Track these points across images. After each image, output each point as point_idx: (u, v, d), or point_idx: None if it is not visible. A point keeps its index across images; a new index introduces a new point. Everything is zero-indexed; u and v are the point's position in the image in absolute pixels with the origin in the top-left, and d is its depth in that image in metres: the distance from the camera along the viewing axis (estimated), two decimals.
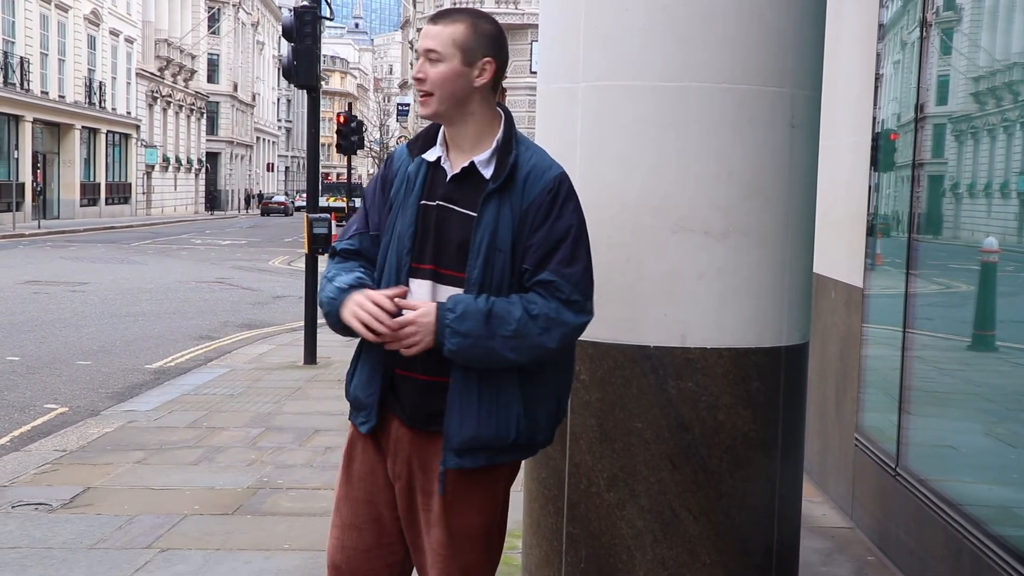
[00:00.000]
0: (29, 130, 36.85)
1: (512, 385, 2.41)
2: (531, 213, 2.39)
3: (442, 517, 2.48)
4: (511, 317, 2.33)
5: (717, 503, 2.92)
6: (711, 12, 2.87)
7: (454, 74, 2.40)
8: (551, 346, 2.37)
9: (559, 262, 2.37)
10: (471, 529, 2.50)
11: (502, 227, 2.38)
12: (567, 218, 2.40)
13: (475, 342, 2.32)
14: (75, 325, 12.04)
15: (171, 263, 22.08)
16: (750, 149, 2.91)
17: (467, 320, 2.32)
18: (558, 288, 2.36)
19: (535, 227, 2.38)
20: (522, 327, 2.33)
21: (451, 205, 2.44)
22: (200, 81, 60.22)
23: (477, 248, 2.38)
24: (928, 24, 4.50)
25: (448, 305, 2.34)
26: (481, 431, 2.40)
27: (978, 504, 3.79)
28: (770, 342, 2.97)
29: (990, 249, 3.94)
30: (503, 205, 2.39)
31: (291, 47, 9.87)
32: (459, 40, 2.41)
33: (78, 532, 4.72)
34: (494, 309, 2.33)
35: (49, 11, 39.03)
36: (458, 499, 2.47)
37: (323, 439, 6.55)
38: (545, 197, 2.39)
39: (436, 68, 2.41)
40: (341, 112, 25.15)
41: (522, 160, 2.43)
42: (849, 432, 5.00)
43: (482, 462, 2.43)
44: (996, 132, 3.96)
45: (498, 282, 2.39)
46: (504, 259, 2.38)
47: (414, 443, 2.50)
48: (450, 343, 2.33)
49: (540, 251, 2.38)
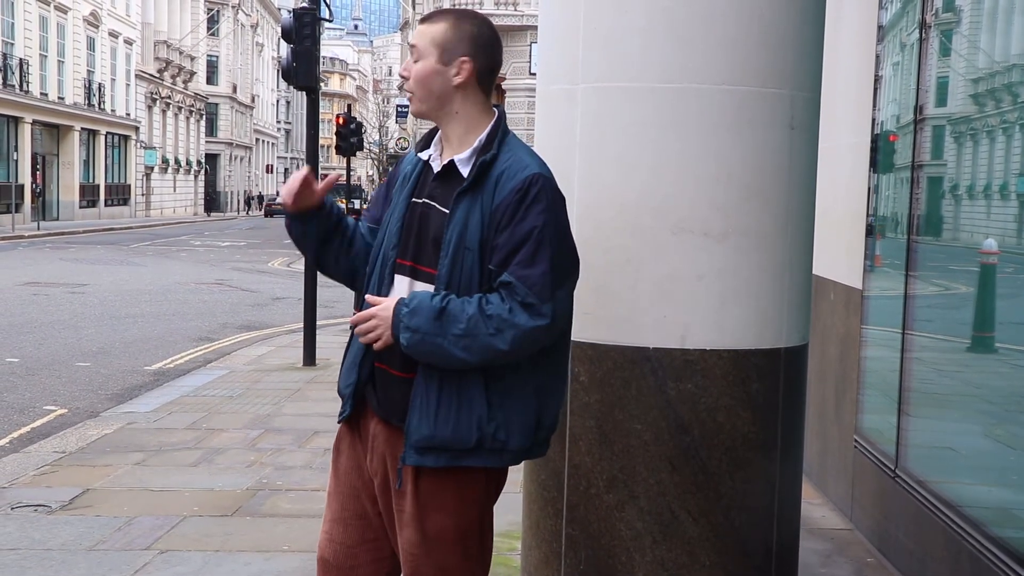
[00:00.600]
0: (28, 131, 36.85)
1: (475, 386, 2.38)
2: (499, 213, 2.37)
3: (414, 517, 2.47)
4: (463, 316, 2.31)
5: (716, 504, 2.92)
6: (711, 13, 2.87)
7: (431, 71, 2.43)
8: (502, 348, 2.32)
9: (518, 263, 2.34)
10: (443, 532, 2.47)
11: (471, 226, 2.38)
12: (532, 219, 2.34)
13: (424, 338, 2.32)
14: (74, 327, 12.04)
15: (170, 265, 22.08)
16: (750, 150, 2.91)
17: (417, 316, 2.32)
18: (515, 290, 2.33)
19: (501, 227, 2.36)
20: (472, 326, 2.31)
21: (432, 202, 2.47)
22: (199, 82, 60.23)
23: (447, 246, 2.39)
24: (927, 26, 4.50)
25: (405, 300, 2.36)
26: (437, 430, 2.37)
27: (977, 506, 3.79)
28: (770, 343, 2.97)
29: (989, 251, 3.94)
30: (474, 204, 2.39)
31: (290, 49, 9.87)
32: (437, 38, 2.43)
33: (77, 533, 4.72)
34: (448, 307, 2.32)
35: (48, 13, 39.04)
36: (430, 500, 2.45)
37: (322, 440, 6.55)
38: (513, 197, 2.36)
39: (416, 66, 2.45)
40: (340, 113, 25.14)
41: (500, 160, 2.42)
42: (848, 434, 5.00)
43: (443, 462, 2.40)
44: (995, 134, 3.96)
45: (467, 281, 2.38)
46: (473, 258, 2.38)
47: (388, 439, 2.50)
48: (402, 337, 2.34)
49: (503, 251, 2.36)
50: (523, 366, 2.41)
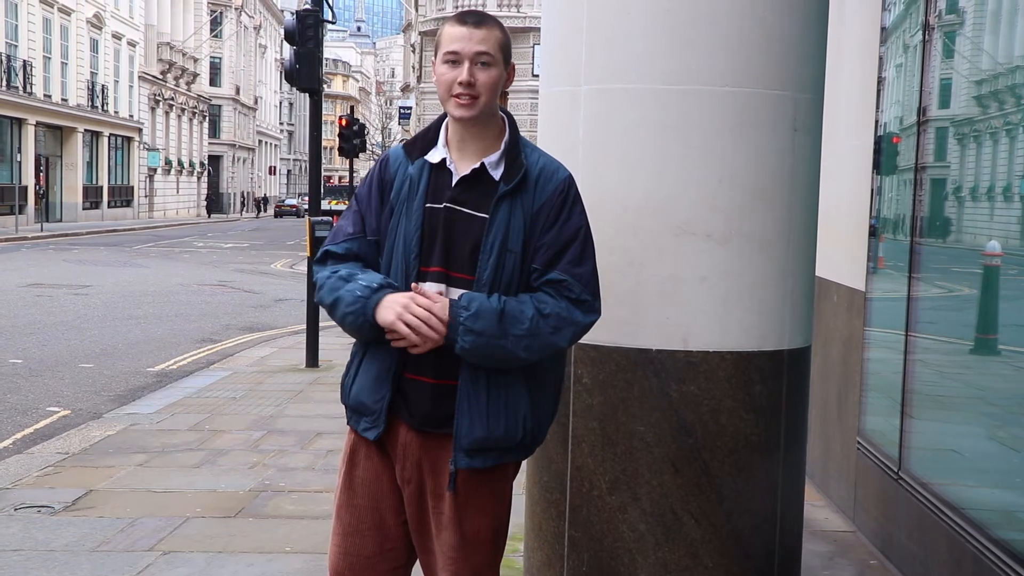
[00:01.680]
0: (32, 133, 36.89)
1: (519, 384, 2.44)
2: (543, 214, 2.42)
3: (453, 520, 2.48)
4: (524, 316, 2.35)
5: (719, 507, 2.92)
6: (713, 15, 2.88)
7: (500, 78, 2.45)
8: (562, 345, 2.42)
9: (569, 262, 2.41)
10: (481, 531, 2.51)
11: (514, 228, 2.40)
12: (576, 219, 2.44)
13: (488, 341, 2.33)
14: (77, 328, 12.05)
15: (173, 266, 22.09)
16: (752, 152, 2.91)
17: (481, 319, 2.32)
18: (568, 287, 2.40)
19: (546, 228, 2.42)
20: (535, 326, 2.36)
21: (460, 207, 2.44)
22: (202, 84, 60.30)
23: (489, 249, 2.39)
24: (930, 27, 4.50)
25: (462, 303, 2.34)
26: (491, 431, 2.41)
27: (980, 508, 3.78)
28: (772, 345, 2.97)
29: (992, 252, 3.93)
30: (515, 207, 2.41)
31: (293, 50, 9.88)
32: (503, 46, 2.46)
33: (80, 534, 4.73)
34: (507, 308, 2.35)
35: (52, 14, 39.08)
36: (468, 501, 2.48)
37: (325, 442, 6.55)
38: (557, 198, 2.43)
39: (488, 72, 2.42)
40: (343, 115, 25.18)
41: (531, 162, 2.46)
42: (851, 436, 5.00)
43: (491, 461, 2.45)
44: (998, 135, 3.96)
45: (507, 282, 2.40)
46: (515, 260, 2.40)
47: (424, 447, 2.49)
48: (463, 341, 2.33)
49: (551, 251, 2.41)
50: (548, 361, 2.49)
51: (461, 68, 2.40)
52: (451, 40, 2.42)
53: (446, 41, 2.43)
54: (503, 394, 2.42)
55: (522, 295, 2.40)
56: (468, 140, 2.47)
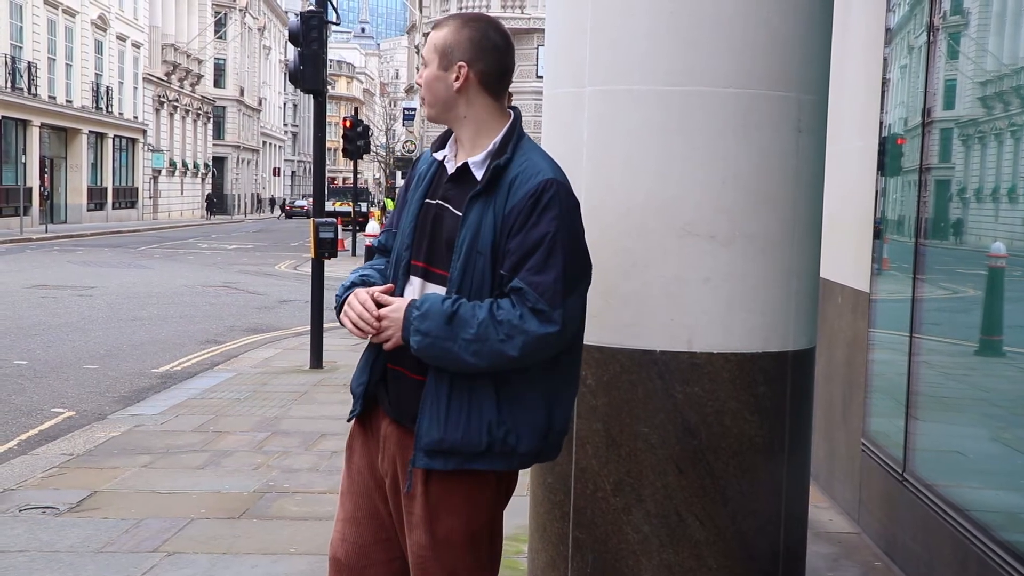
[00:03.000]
0: (36, 135, 36.96)
1: (485, 390, 2.38)
2: (511, 217, 2.36)
3: (424, 520, 2.46)
4: (474, 320, 2.32)
5: (723, 508, 2.92)
6: (716, 16, 2.87)
7: (433, 78, 2.47)
8: (512, 354, 2.31)
9: (529, 269, 2.33)
10: (453, 534, 2.45)
11: (484, 229, 2.38)
12: (544, 225, 2.34)
13: (434, 342, 2.32)
14: (82, 329, 12.07)
15: (177, 267, 22.13)
16: (756, 153, 2.91)
17: (428, 319, 2.33)
18: (525, 296, 2.33)
19: (514, 232, 2.36)
20: (483, 331, 2.31)
21: (446, 204, 2.47)
22: (207, 86, 60.38)
23: (459, 248, 2.40)
24: (935, 28, 4.49)
25: (416, 303, 2.37)
26: (447, 434, 2.37)
27: (985, 510, 3.78)
28: (777, 347, 2.97)
29: (997, 254, 3.93)
30: (487, 207, 2.39)
31: (297, 52, 9.88)
32: (439, 45, 2.46)
33: (85, 536, 4.73)
34: (459, 311, 2.33)
35: (56, 16, 39.16)
36: (440, 503, 2.44)
37: (329, 443, 6.56)
38: (526, 202, 2.35)
39: (425, 72, 2.49)
40: (347, 116, 25.20)
41: (513, 164, 2.42)
42: (856, 437, 4.99)
43: (453, 466, 2.39)
44: (1003, 136, 3.95)
45: (478, 284, 2.38)
46: (484, 261, 2.38)
47: (399, 441, 2.50)
48: (413, 340, 2.35)
49: (515, 257, 2.35)
50: (533, 370, 2.40)
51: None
52: None
53: None
54: (466, 397, 2.38)
55: (486, 300, 2.36)
56: (460, 139, 2.52)
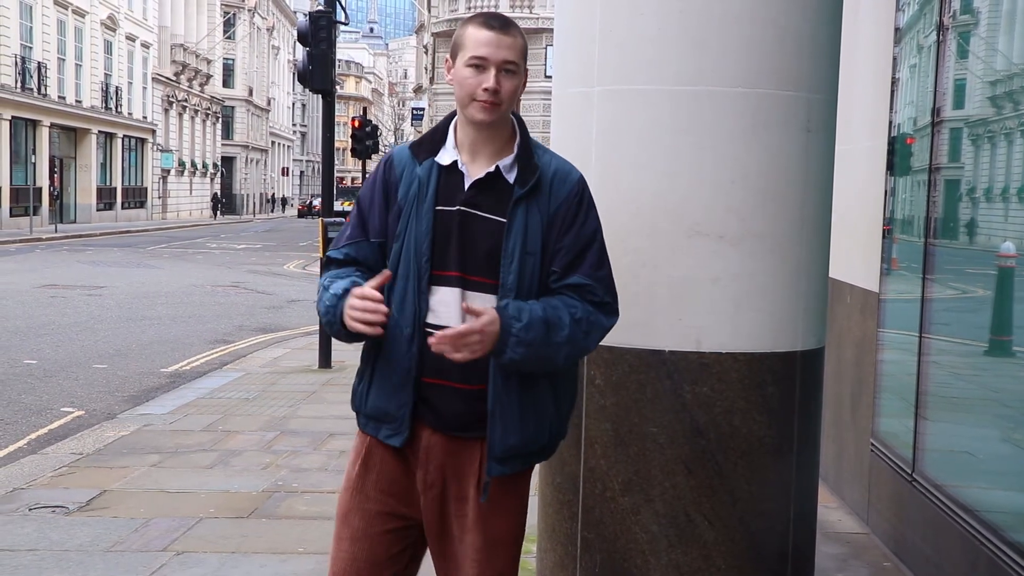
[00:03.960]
0: (46, 135, 37.08)
1: (546, 389, 2.45)
2: (560, 216, 2.41)
3: (478, 523, 2.46)
4: (563, 323, 2.35)
5: (732, 508, 2.92)
6: (725, 16, 2.87)
7: (521, 86, 2.44)
8: (592, 348, 2.45)
9: (591, 265, 2.41)
10: (505, 534, 2.51)
11: (531, 231, 2.39)
12: (592, 222, 2.44)
13: (536, 351, 2.31)
14: (91, 329, 12.10)
15: (186, 267, 22.16)
16: (765, 153, 2.91)
17: (532, 329, 2.30)
18: (592, 291, 2.40)
19: (563, 230, 2.41)
20: (572, 332, 2.36)
21: (475, 211, 2.40)
22: (215, 86, 60.46)
23: (510, 253, 2.37)
24: (945, 28, 4.48)
25: (513, 313, 2.30)
26: (524, 437, 2.41)
27: (995, 510, 3.77)
28: (785, 347, 2.96)
29: (1007, 254, 3.92)
30: (531, 209, 2.40)
31: (306, 51, 9.91)
32: (525, 54, 2.46)
33: (94, 535, 4.75)
34: (549, 315, 2.34)
35: (66, 16, 39.26)
36: (493, 505, 2.46)
37: (338, 443, 6.56)
38: (573, 200, 2.42)
39: (511, 80, 2.39)
40: (356, 116, 25.24)
41: (543, 164, 2.44)
42: (865, 437, 4.98)
43: (519, 467, 2.46)
44: (1013, 136, 3.94)
45: (529, 286, 2.39)
46: (535, 262, 2.39)
47: (448, 450, 2.46)
48: (514, 352, 2.29)
49: (570, 254, 2.40)
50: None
51: (487, 74, 2.35)
52: (477, 44, 2.37)
53: (471, 45, 2.38)
54: (533, 399, 2.42)
55: (551, 300, 2.37)
56: (480, 143, 2.44)
